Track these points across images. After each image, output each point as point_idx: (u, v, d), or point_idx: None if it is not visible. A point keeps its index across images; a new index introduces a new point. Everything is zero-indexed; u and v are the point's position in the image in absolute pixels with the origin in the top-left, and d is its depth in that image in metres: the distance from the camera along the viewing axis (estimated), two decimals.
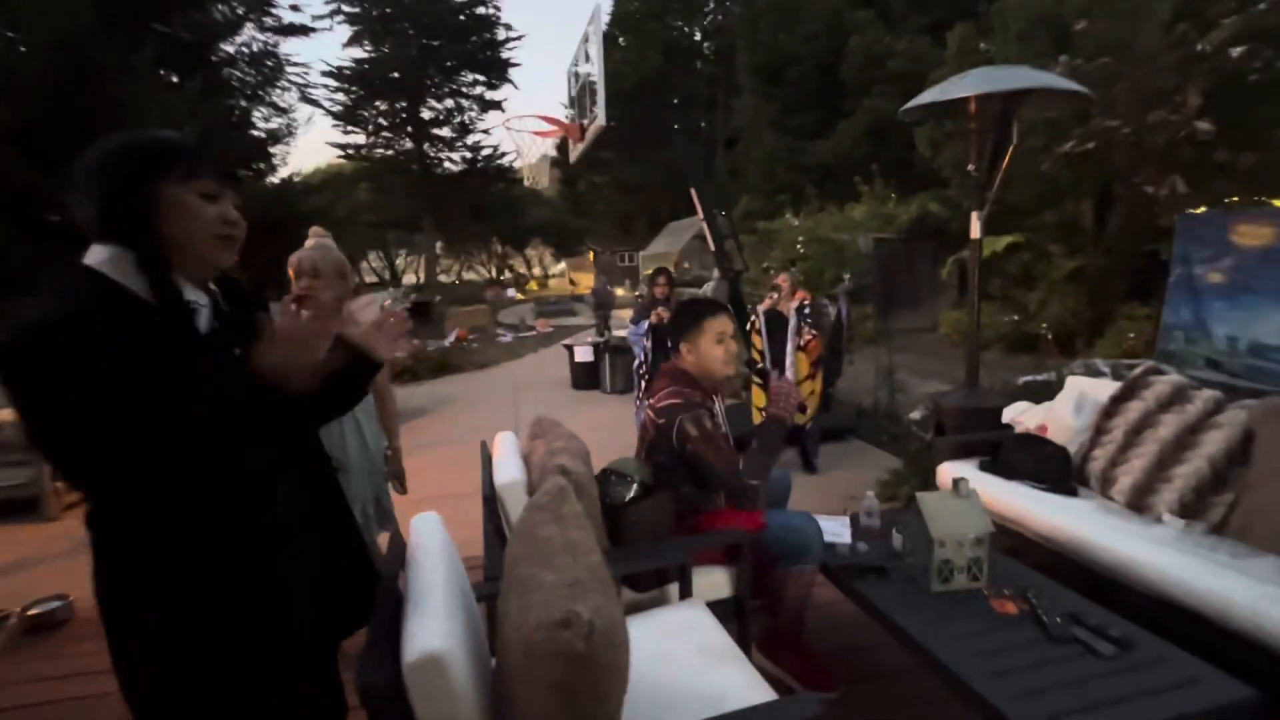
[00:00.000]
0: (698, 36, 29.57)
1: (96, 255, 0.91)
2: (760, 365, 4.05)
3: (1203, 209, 5.52)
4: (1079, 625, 1.57)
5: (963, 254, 10.00)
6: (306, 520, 1.08)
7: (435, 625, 0.98)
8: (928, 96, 2.76)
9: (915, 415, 4.71)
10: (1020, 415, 3.11)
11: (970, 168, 2.90)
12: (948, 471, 2.74)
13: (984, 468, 2.69)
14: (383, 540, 2.12)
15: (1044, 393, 3.49)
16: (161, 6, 11.19)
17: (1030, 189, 8.26)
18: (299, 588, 1.04)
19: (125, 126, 0.98)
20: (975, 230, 2.99)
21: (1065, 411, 2.80)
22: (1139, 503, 2.24)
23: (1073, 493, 2.43)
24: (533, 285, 31.98)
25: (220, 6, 12.67)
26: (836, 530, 2.14)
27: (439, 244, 29.38)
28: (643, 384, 4.51)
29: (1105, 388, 2.70)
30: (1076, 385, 2.89)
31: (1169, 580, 1.83)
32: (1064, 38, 7.50)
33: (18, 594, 2.69)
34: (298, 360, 0.92)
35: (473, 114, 25.88)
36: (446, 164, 25.99)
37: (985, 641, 1.55)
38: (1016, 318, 8.81)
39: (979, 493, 1.89)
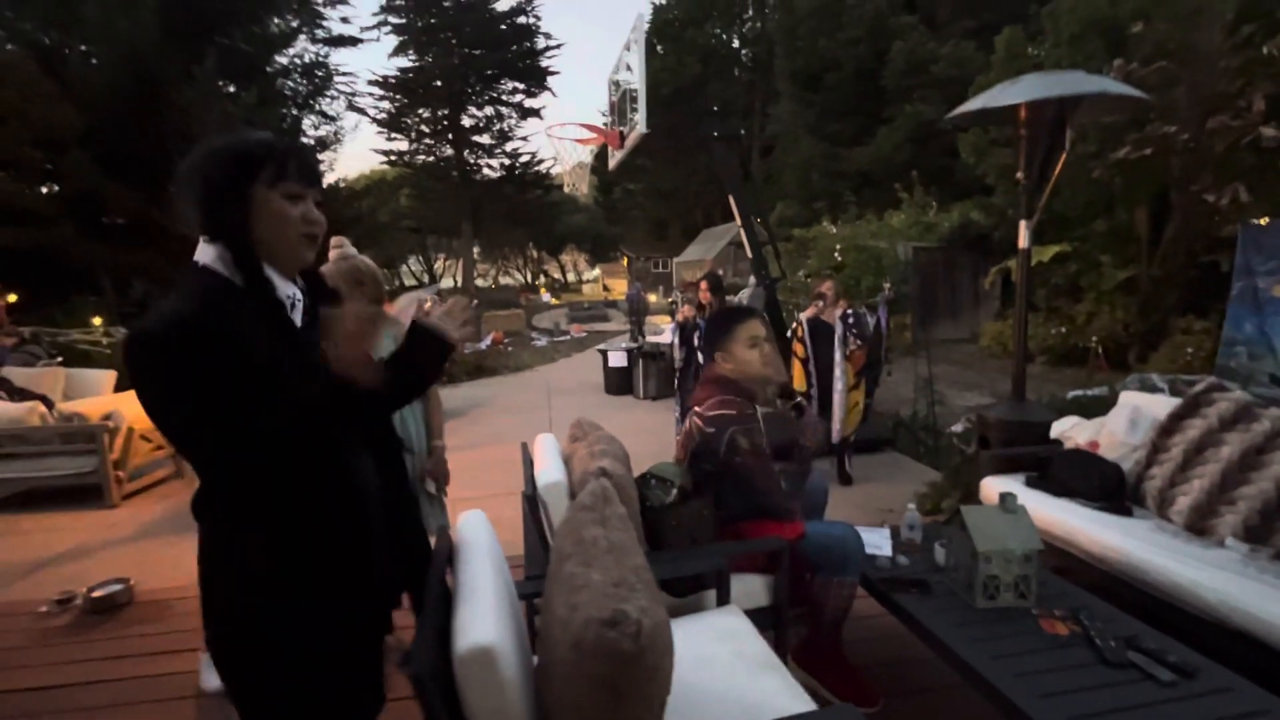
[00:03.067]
0: (736, 43, 29.53)
1: (207, 254, 0.98)
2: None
3: (1267, 219, 5.26)
4: (1135, 650, 1.51)
5: (1007, 264, 9.72)
6: (381, 498, 1.13)
7: (486, 619, 1.00)
8: (978, 103, 2.71)
9: (957, 428, 4.59)
10: (1070, 430, 3.01)
11: (1019, 175, 2.83)
12: (992, 486, 2.67)
13: (1031, 483, 2.60)
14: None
15: (1094, 408, 3.37)
16: (223, 20, 11.74)
17: (1079, 197, 8.01)
18: (379, 561, 1.09)
19: (187, 134, 1.04)
20: (1024, 239, 2.91)
21: (1119, 428, 2.70)
22: (1200, 525, 2.15)
23: (1127, 512, 2.34)
24: (541, 290, 31.87)
25: (276, 20, 13.24)
26: (877, 542, 2.11)
27: (476, 249, 29.89)
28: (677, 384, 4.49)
29: (1162, 404, 2.59)
30: (1131, 401, 2.78)
31: (1232, 606, 1.75)
32: (1118, 41, 7.26)
33: (82, 577, 2.83)
34: (352, 360, 0.96)
35: (512, 121, 26.34)
36: (486, 170, 26.48)
37: (1034, 661, 1.50)
38: (1063, 330, 8.52)
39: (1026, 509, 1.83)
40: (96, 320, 7.61)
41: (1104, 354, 7.85)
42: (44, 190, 10.87)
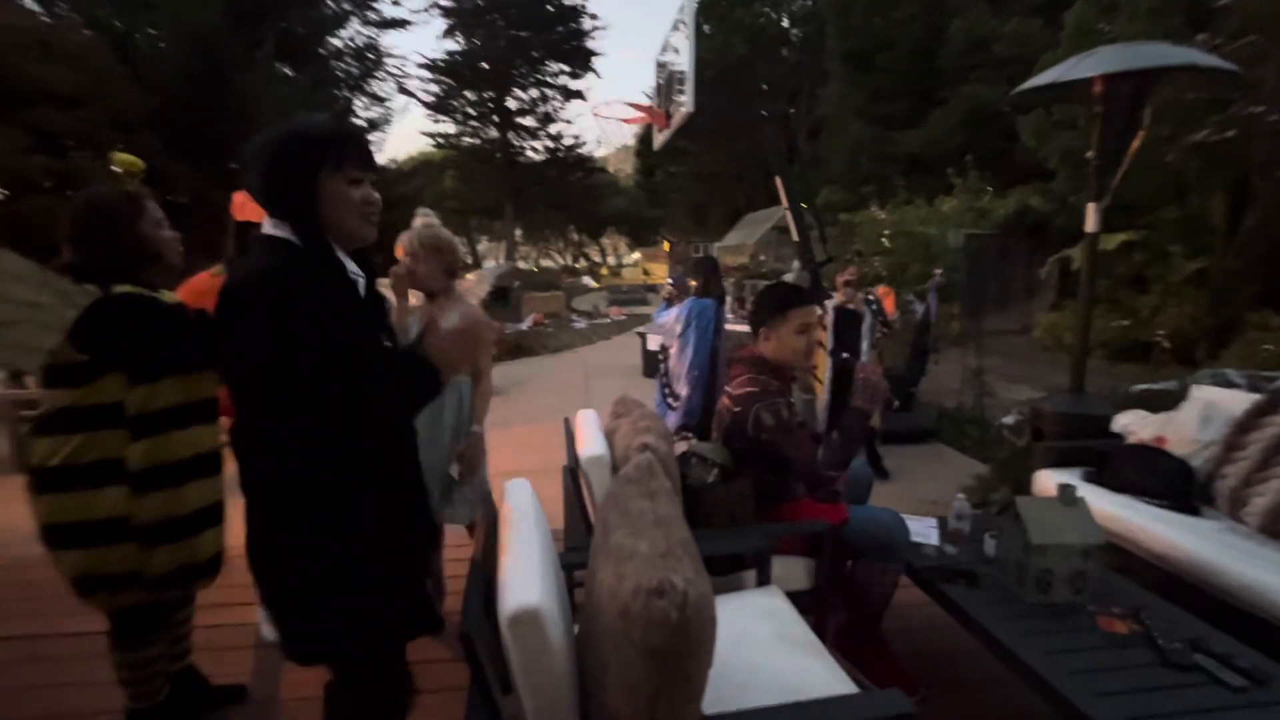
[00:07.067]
0: (785, 23, 28.73)
1: (275, 228, 1.04)
2: (845, 356, 3.90)
3: None
4: (1201, 652, 1.44)
5: (1066, 252, 9.27)
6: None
7: (532, 582, 1.02)
8: (1049, 76, 2.56)
9: (1008, 420, 4.43)
10: (1132, 425, 2.86)
11: (1090, 154, 2.67)
12: (1045, 479, 2.57)
13: (1089, 478, 2.49)
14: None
15: (1160, 402, 3.18)
16: (281, 3, 12.06)
17: (1149, 182, 7.55)
18: (416, 508, 1.20)
19: (246, 117, 1.11)
20: (1091, 223, 2.75)
21: (1189, 423, 2.55)
22: (1276, 528, 2.02)
23: (1195, 511, 2.22)
24: (602, 270, 31.83)
25: (330, 2, 13.53)
26: (923, 531, 2.05)
27: (518, 231, 30.18)
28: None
29: (1239, 400, 2.44)
30: (1203, 395, 2.62)
31: None
32: (1200, 16, 6.77)
33: None
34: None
35: (556, 104, 26.39)
36: (529, 153, 26.65)
37: (1089, 659, 1.44)
38: (1125, 323, 8.09)
39: None
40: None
41: (1170, 349, 7.43)
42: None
